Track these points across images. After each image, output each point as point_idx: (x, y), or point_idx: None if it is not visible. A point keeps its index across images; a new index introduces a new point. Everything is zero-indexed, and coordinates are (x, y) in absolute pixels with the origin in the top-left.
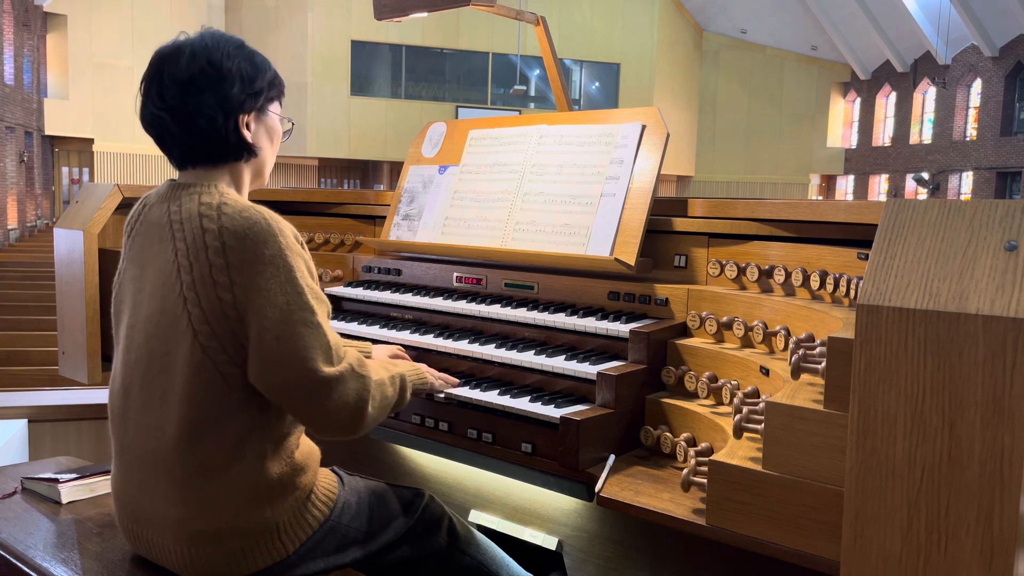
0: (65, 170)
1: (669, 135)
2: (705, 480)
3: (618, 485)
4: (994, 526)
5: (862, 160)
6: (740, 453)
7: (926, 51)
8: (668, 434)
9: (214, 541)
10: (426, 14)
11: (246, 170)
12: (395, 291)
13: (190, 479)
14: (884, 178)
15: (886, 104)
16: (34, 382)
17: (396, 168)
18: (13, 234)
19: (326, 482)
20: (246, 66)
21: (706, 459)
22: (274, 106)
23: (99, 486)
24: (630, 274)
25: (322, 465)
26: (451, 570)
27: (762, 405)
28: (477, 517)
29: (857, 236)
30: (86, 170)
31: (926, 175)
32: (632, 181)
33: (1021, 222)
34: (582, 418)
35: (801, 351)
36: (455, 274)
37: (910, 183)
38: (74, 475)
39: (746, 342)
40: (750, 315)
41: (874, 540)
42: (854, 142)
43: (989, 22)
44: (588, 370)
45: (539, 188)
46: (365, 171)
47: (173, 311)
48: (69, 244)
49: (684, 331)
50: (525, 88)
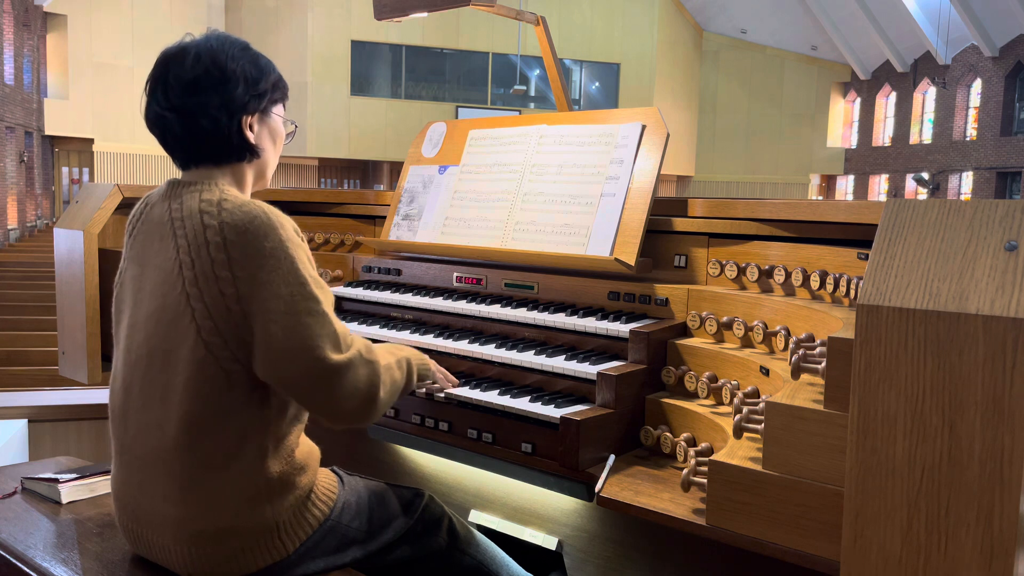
0: (65, 170)
1: (669, 135)
2: (705, 480)
3: (618, 485)
4: (994, 526)
5: (862, 160)
6: (740, 453)
7: (926, 51)
8: (668, 434)
9: (214, 540)
10: (426, 14)
11: (249, 171)
12: (395, 291)
13: (190, 477)
14: (884, 178)
15: (886, 104)
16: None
17: (396, 168)
18: (13, 234)
19: (326, 482)
20: (250, 68)
21: (706, 459)
22: (277, 108)
23: (99, 486)
24: (630, 274)
25: (322, 465)
26: (451, 570)
27: (762, 405)
28: (477, 517)
29: (857, 236)
30: (86, 170)
31: (926, 175)
32: (632, 181)
33: (1021, 222)
34: (582, 418)
35: (801, 351)
36: (455, 274)
37: (910, 183)
38: (74, 475)
39: (746, 342)
40: (750, 315)
41: (874, 540)
42: (854, 142)
43: (989, 22)
44: (588, 370)
45: (539, 188)
46: (365, 171)
47: (175, 308)
48: (69, 244)
49: (684, 331)
50: (525, 88)
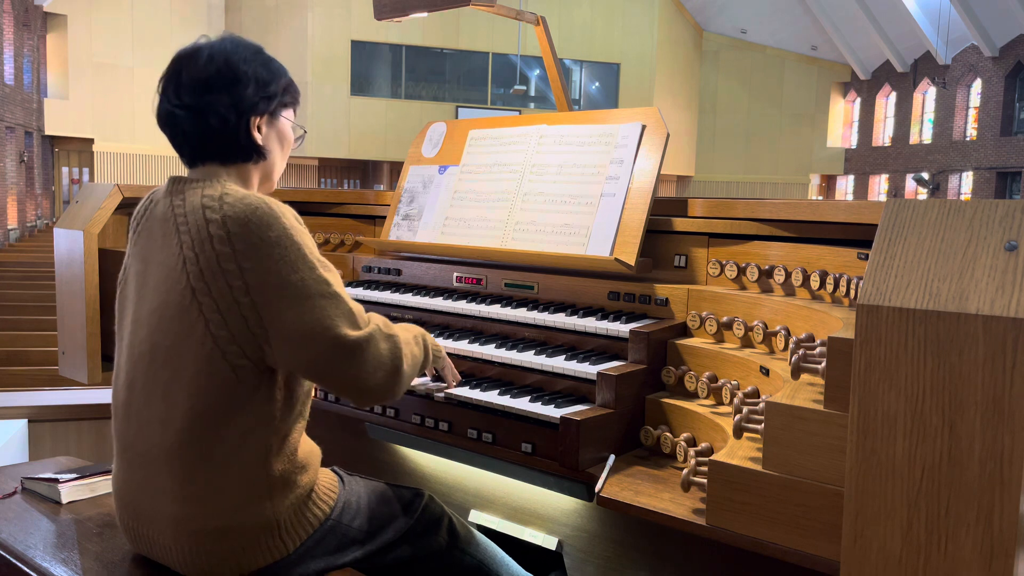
0: (65, 170)
1: (669, 135)
2: (705, 480)
3: (618, 485)
4: (994, 526)
5: (862, 160)
6: (740, 453)
7: (926, 51)
8: (668, 434)
9: (215, 538)
10: (426, 14)
11: (254, 172)
12: (395, 291)
13: (191, 473)
14: (884, 178)
15: (886, 104)
16: (34, 382)
17: (396, 168)
18: (13, 234)
19: (327, 482)
20: (262, 70)
21: (706, 459)
22: (287, 112)
23: (99, 486)
24: (630, 274)
25: (322, 465)
26: (451, 570)
27: (762, 405)
28: (477, 517)
29: (857, 236)
30: (86, 170)
31: (926, 175)
32: (632, 181)
33: (1021, 222)
34: (582, 418)
35: (801, 351)
36: (455, 274)
37: (910, 183)
38: (74, 475)
39: (746, 342)
40: (750, 315)
41: (874, 540)
42: (854, 142)
43: (989, 22)
44: (588, 370)
45: (539, 188)
46: (365, 171)
47: (180, 303)
48: (69, 244)
49: (684, 331)
50: (525, 88)
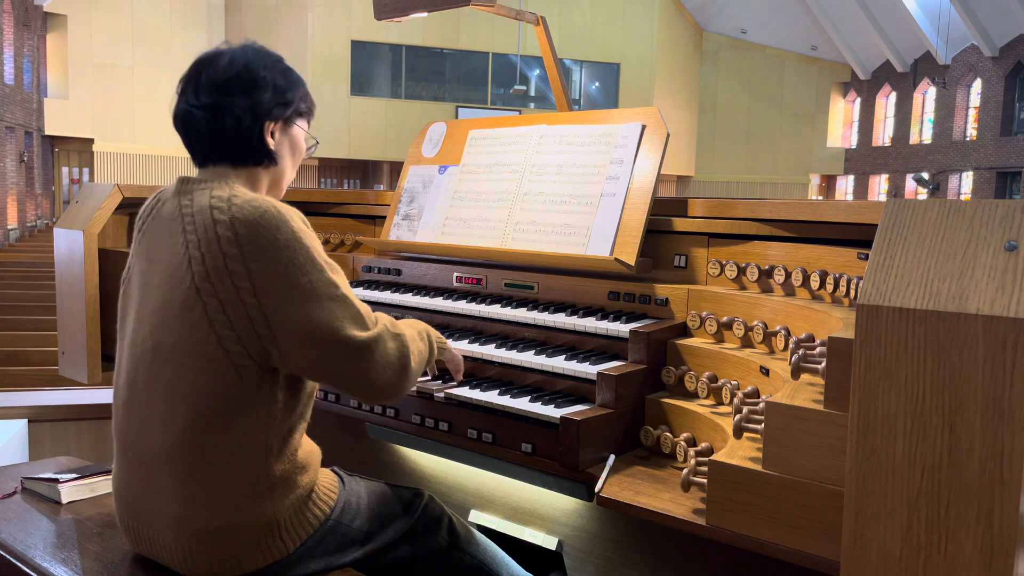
0: (65, 170)
1: (669, 135)
2: (705, 480)
3: (618, 485)
4: (994, 526)
5: (862, 160)
6: (740, 453)
7: (926, 51)
8: (668, 434)
9: (215, 538)
10: (426, 14)
11: (264, 177)
12: (395, 291)
13: (192, 473)
14: (884, 178)
15: (886, 104)
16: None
17: (396, 168)
18: (13, 234)
19: (327, 482)
20: (280, 78)
21: (706, 459)
22: (301, 122)
23: (99, 486)
24: (630, 274)
25: (322, 465)
26: (451, 569)
27: (762, 405)
28: (477, 517)
29: (857, 236)
30: (86, 170)
31: (926, 175)
32: (632, 181)
33: (1021, 222)
34: (582, 418)
35: (801, 351)
36: (455, 274)
37: (910, 183)
38: (74, 475)
39: (746, 342)
40: (750, 315)
41: (874, 540)
42: (854, 142)
43: (989, 22)
44: (588, 370)
45: (539, 188)
46: (365, 171)
47: (184, 302)
48: (69, 244)
49: (684, 331)
50: (525, 88)
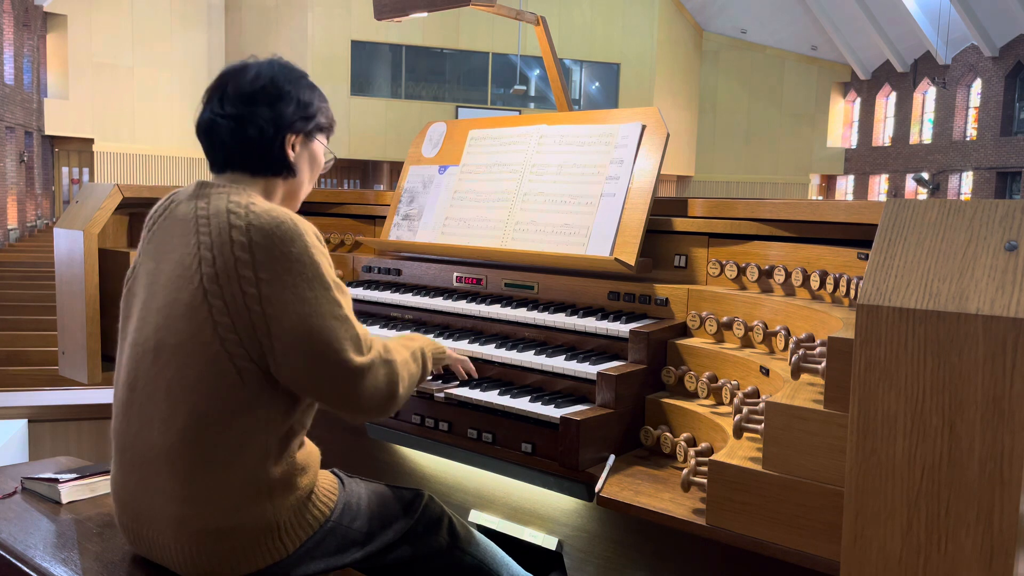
0: (65, 170)
1: (669, 135)
2: (705, 480)
3: (618, 485)
4: (994, 526)
5: (862, 160)
6: (740, 453)
7: (926, 51)
8: (668, 434)
9: (215, 539)
10: (426, 14)
11: (280, 188)
12: (395, 291)
13: (192, 473)
14: (884, 178)
15: (886, 104)
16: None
17: (396, 168)
18: (13, 234)
19: (326, 483)
20: (304, 93)
21: (706, 459)
22: (321, 136)
23: (99, 486)
24: (630, 274)
25: (322, 466)
26: (451, 570)
27: (762, 405)
28: (477, 517)
29: (857, 236)
30: (86, 170)
31: (926, 175)
32: (632, 181)
33: (1021, 222)
34: (582, 418)
35: (801, 351)
36: (455, 274)
37: (910, 183)
38: (74, 475)
39: (746, 342)
40: (750, 315)
41: (874, 540)
42: (854, 142)
43: (989, 22)
44: (588, 370)
45: (539, 188)
46: (365, 171)
47: (190, 302)
48: (69, 244)
49: (684, 331)
50: (525, 88)
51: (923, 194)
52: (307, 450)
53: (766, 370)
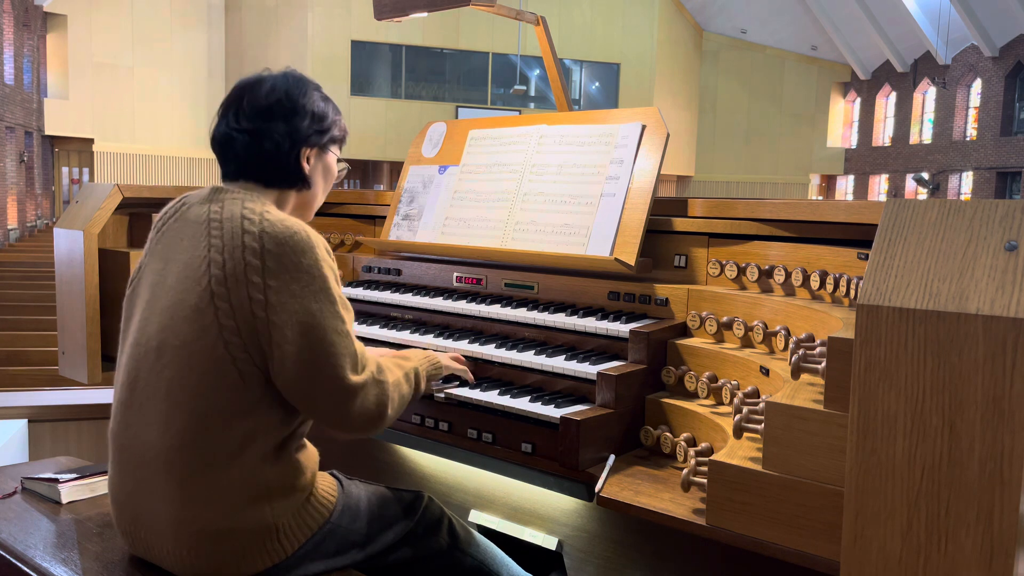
0: (65, 170)
1: (669, 135)
2: (705, 480)
3: (618, 485)
4: (994, 526)
5: (862, 160)
6: (740, 453)
7: (926, 51)
8: (668, 434)
9: (213, 542)
10: (426, 14)
11: (293, 199)
12: (395, 291)
13: (190, 475)
14: (884, 178)
15: (886, 104)
16: (34, 382)
17: (396, 168)
18: (13, 234)
19: (325, 485)
20: (319, 105)
21: (706, 459)
22: (335, 148)
23: (99, 486)
24: (630, 274)
25: (322, 466)
26: (452, 571)
27: (762, 405)
28: (477, 517)
29: (857, 236)
30: (86, 170)
31: (926, 175)
32: (632, 181)
33: (1021, 222)
34: (582, 418)
35: (801, 351)
36: (455, 274)
37: (910, 183)
38: (74, 475)
39: (746, 342)
40: (750, 315)
41: (874, 540)
42: (854, 142)
43: (989, 22)
44: (588, 370)
45: (539, 188)
46: (365, 171)
47: (196, 304)
48: (69, 244)
49: (684, 331)
50: (525, 88)
51: (923, 194)
52: (306, 452)
53: (766, 370)
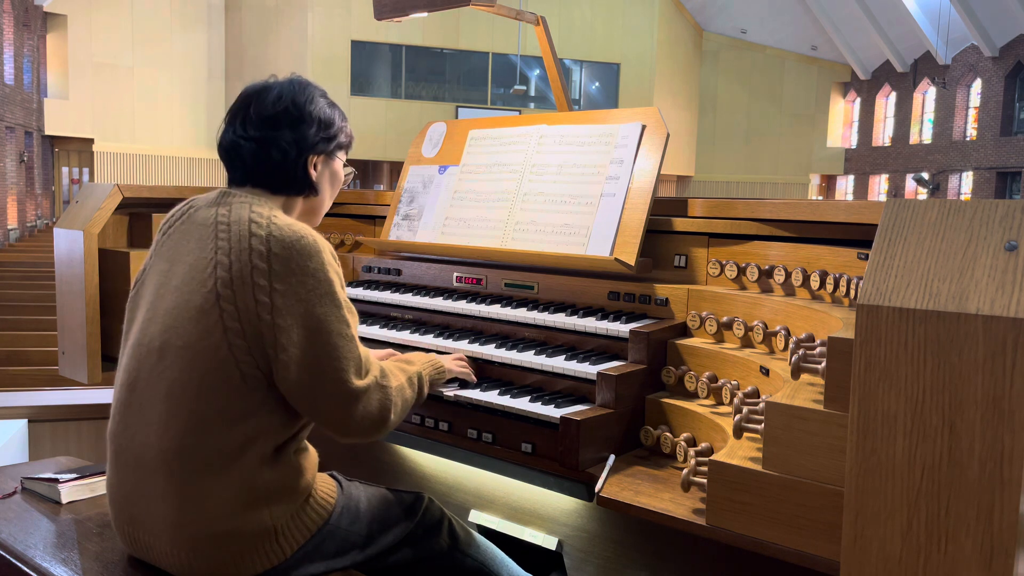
0: (65, 170)
1: (669, 135)
2: (705, 480)
3: (618, 485)
4: (994, 526)
5: (862, 160)
6: (740, 453)
7: (926, 51)
8: (668, 434)
9: (212, 543)
10: (426, 14)
11: (300, 204)
12: (395, 291)
13: (189, 477)
14: (884, 178)
15: (886, 104)
16: (34, 382)
17: (396, 168)
18: (13, 234)
19: (324, 487)
20: (325, 112)
21: (706, 459)
22: (341, 154)
23: (99, 486)
24: (630, 274)
25: (321, 469)
26: (452, 572)
27: (762, 405)
28: (477, 517)
29: (857, 236)
30: (86, 170)
31: (926, 175)
32: (632, 181)
33: (1021, 222)
34: (582, 418)
35: (801, 351)
36: (455, 274)
37: (910, 183)
38: (74, 475)
39: (746, 342)
40: (750, 315)
41: (874, 540)
42: (854, 142)
43: (989, 22)
44: (588, 370)
45: (539, 188)
46: (365, 171)
47: (201, 305)
48: (69, 244)
49: (684, 331)
50: (525, 88)
51: (923, 194)
52: (306, 454)
53: (766, 370)
